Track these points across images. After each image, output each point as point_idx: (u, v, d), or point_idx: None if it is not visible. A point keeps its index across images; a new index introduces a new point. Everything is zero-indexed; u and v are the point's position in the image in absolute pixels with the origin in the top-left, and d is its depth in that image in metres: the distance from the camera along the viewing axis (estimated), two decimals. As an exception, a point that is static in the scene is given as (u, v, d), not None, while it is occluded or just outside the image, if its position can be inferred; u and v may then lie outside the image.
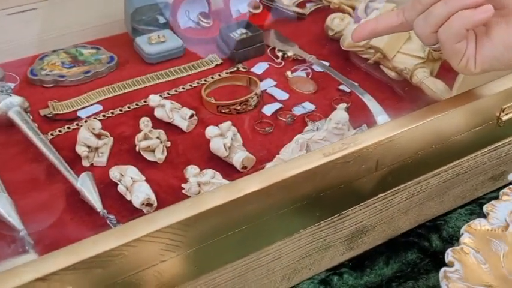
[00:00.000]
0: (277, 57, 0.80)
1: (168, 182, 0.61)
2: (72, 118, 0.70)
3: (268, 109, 0.71)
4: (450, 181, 0.59)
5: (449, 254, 0.46)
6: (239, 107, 0.70)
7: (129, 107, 0.72)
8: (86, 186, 0.57)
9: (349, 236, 0.55)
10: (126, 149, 0.65)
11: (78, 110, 0.71)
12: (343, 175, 0.49)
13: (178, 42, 0.81)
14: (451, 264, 0.45)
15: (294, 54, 0.80)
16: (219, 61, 0.80)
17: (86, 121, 0.68)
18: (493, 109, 0.56)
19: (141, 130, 0.64)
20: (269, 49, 0.82)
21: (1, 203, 0.55)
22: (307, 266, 0.54)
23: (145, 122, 0.65)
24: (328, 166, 0.47)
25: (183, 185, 0.59)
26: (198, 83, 0.76)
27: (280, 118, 0.70)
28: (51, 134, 0.67)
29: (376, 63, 0.75)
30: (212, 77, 0.76)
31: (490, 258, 0.47)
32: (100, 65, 0.78)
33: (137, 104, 0.72)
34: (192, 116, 0.68)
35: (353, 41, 0.53)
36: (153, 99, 0.69)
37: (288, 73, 0.77)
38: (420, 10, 0.47)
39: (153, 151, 0.63)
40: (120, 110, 0.71)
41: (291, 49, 0.81)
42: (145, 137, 0.63)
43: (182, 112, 0.68)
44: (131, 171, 0.59)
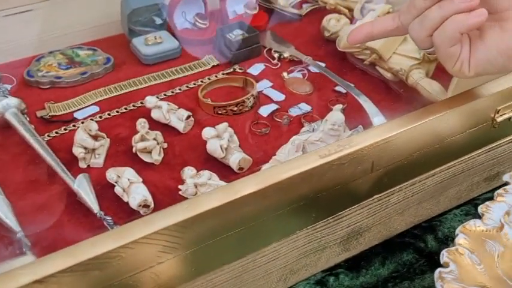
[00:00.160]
0: (273, 58, 0.81)
1: (165, 184, 0.61)
2: (68, 119, 0.70)
3: (264, 110, 0.71)
4: (445, 182, 0.59)
5: (444, 255, 0.46)
6: (235, 108, 0.70)
7: (126, 109, 0.72)
8: (83, 187, 0.57)
9: (345, 237, 0.55)
10: (122, 151, 0.65)
11: (74, 112, 0.71)
12: (339, 176, 0.49)
13: (174, 43, 0.81)
14: (446, 265, 0.45)
15: (290, 55, 0.80)
16: (216, 62, 0.80)
17: (83, 122, 0.68)
18: (488, 110, 0.57)
19: (138, 131, 0.64)
20: (265, 50, 0.82)
21: (-2, 205, 0.55)
22: (303, 267, 0.54)
23: (142, 124, 0.65)
24: (324, 168, 0.47)
25: (180, 186, 0.59)
26: (195, 84, 0.76)
27: (276, 119, 0.70)
28: (48, 136, 0.67)
29: (372, 64, 0.76)
30: (209, 78, 0.76)
31: (485, 258, 0.47)
32: (97, 66, 0.78)
33: (134, 105, 0.72)
34: (189, 117, 0.68)
35: (349, 44, 0.54)
36: (150, 100, 0.69)
37: (284, 74, 0.77)
38: (415, 14, 0.48)
39: (150, 152, 0.63)
40: (116, 112, 0.71)
41: (287, 50, 0.81)
42: (142, 139, 0.63)
43: (179, 113, 0.68)
44: (128, 172, 0.59)
